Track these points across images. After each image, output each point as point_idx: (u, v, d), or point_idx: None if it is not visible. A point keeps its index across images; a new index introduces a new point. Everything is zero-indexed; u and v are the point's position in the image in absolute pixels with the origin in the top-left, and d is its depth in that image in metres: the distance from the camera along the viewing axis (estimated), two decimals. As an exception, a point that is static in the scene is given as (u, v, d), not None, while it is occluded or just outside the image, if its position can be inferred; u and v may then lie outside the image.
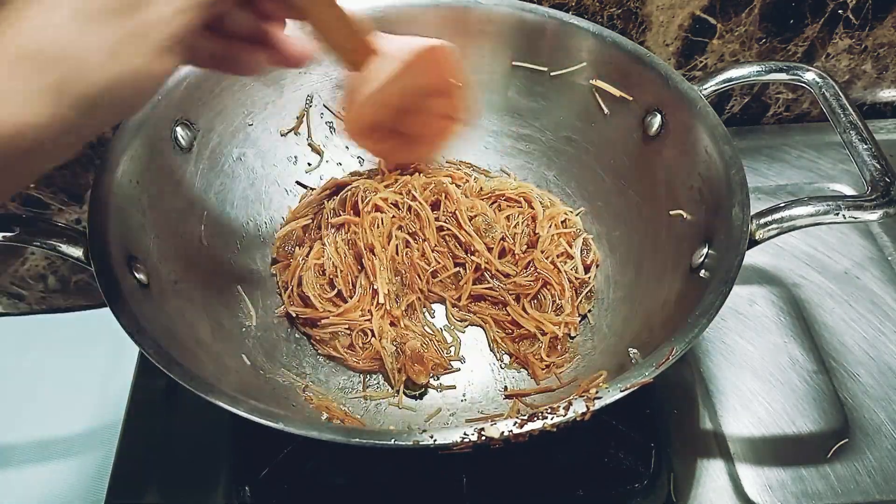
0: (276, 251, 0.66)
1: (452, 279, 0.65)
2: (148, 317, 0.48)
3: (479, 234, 0.65)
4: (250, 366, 0.56)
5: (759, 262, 0.73)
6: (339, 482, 0.58)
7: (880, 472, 0.59)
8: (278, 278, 0.66)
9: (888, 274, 0.73)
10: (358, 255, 0.64)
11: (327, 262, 0.64)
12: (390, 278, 0.63)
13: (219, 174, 0.64)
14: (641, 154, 0.64)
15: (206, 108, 0.62)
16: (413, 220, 0.66)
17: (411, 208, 0.66)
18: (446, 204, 0.66)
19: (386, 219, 0.65)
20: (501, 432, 0.42)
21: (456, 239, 0.65)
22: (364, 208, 0.65)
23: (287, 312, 0.63)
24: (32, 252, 0.85)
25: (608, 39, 0.64)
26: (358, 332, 0.62)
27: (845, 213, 0.50)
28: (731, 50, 0.81)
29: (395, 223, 0.65)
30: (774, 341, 0.67)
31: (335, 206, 0.67)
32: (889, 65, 0.85)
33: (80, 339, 0.81)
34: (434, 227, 0.66)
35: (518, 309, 0.63)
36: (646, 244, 0.63)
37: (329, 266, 0.64)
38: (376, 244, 0.63)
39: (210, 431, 0.60)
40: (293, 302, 0.63)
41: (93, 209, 0.51)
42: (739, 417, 0.62)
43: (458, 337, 0.64)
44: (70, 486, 0.68)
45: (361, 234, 0.64)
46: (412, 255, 0.64)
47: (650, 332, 0.54)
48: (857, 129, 0.55)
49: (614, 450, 0.59)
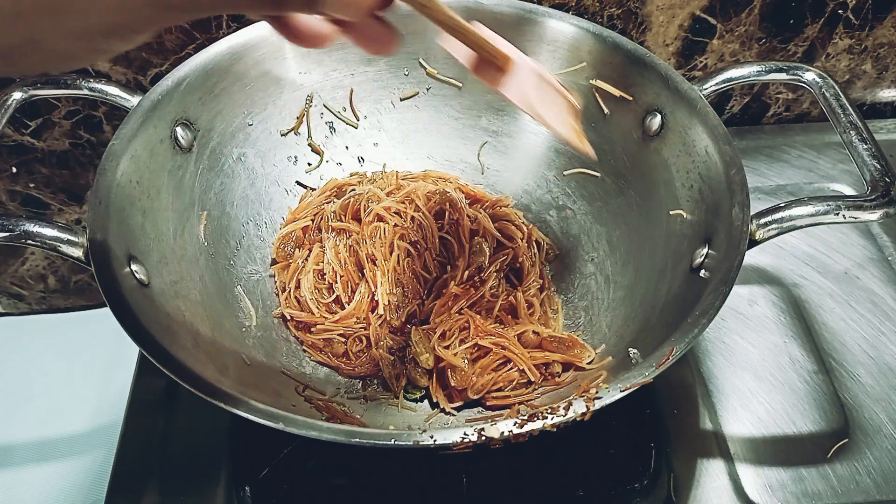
0: (276, 252, 0.66)
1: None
2: (148, 317, 0.48)
3: (473, 254, 0.65)
4: (250, 366, 0.56)
5: (759, 262, 0.73)
6: (339, 482, 0.58)
7: (880, 472, 0.59)
8: (277, 279, 0.66)
9: (888, 274, 0.73)
10: (359, 262, 0.63)
11: (327, 267, 0.64)
12: (391, 289, 0.62)
13: (219, 174, 0.64)
14: (641, 154, 0.64)
15: (206, 108, 0.62)
16: (416, 230, 0.65)
17: (414, 219, 0.65)
18: (450, 213, 0.66)
19: (388, 229, 0.64)
20: (501, 432, 0.42)
21: (453, 248, 0.65)
22: (366, 217, 0.65)
23: (283, 314, 0.63)
24: (32, 252, 0.85)
25: (608, 39, 0.64)
26: (353, 339, 0.61)
27: (845, 213, 0.50)
28: (731, 50, 0.81)
29: (397, 233, 0.64)
30: (774, 341, 0.67)
31: (336, 209, 0.67)
32: (889, 65, 0.85)
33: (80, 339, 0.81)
34: (437, 237, 0.65)
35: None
36: (646, 244, 0.63)
37: (329, 271, 0.63)
38: (378, 255, 0.63)
39: (210, 431, 0.60)
40: (289, 304, 0.63)
41: (93, 209, 0.51)
42: (739, 417, 0.62)
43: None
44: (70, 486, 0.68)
45: (363, 244, 0.63)
46: (414, 265, 0.64)
47: (650, 332, 0.54)
48: (857, 129, 0.55)
49: (614, 450, 0.59)
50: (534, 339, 0.60)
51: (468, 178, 0.73)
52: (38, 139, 0.77)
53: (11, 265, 0.86)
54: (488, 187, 0.73)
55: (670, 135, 0.61)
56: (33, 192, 0.81)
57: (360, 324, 0.62)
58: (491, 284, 0.63)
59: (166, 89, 0.59)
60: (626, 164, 0.66)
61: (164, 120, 0.59)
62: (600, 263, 0.66)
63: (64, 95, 0.65)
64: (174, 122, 0.60)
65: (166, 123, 0.59)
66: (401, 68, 0.71)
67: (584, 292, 0.66)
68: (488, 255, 0.65)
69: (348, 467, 0.59)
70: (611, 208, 0.67)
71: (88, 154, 0.79)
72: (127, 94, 0.60)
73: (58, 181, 0.81)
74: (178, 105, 0.60)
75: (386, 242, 0.64)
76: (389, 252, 0.63)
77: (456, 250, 0.65)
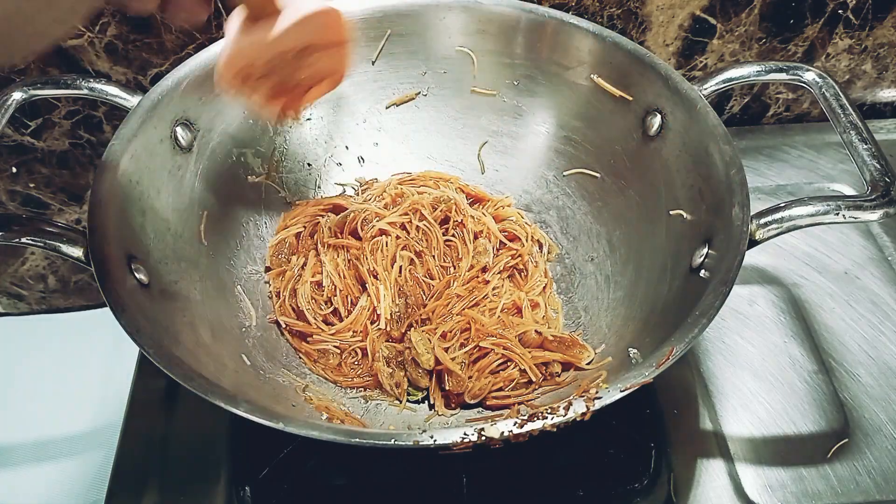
0: (270, 259, 0.66)
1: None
2: (148, 317, 0.48)
3: (476, 254, 0.64)
4: (250, 366, 0.56)
5: (759, 262, 0.73)
6: (339, 482, 0.58)
7: (880, 472, 0.59)
8: (271, 285, 0.65)
9: (888, 274, 0.73)
10: (359, 276, 0.63)
11: (325, 280, 0.63)
12: (395, 300, 0.61)
13: (219, 174, 0.64)
14: (641, 154, 0.64)
15: (206, 108, 0.62)
16: (421, 239, 0.64)
17: (419, 228, 0.65)
18: (454, 216, 0.66)
19: (390, 241, 0.64)
20: (501, 432, 0.42)
21: (456, 250, 0.65)
22: (366, 234, 0.64)
23: (276, 320, 0.63)
24: (32, 252, 0.85)
25: (608, 39, 0.64)
26: (349, 351, 0.61)
27: (845, 213, 0.50)
28: (731, 50, 0.81)
29: (400, 244, 0.64)
30: (774, 341, 0.67)
31: (332, 225, 0.66)
32: (889, 65, 0.85)
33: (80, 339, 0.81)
34: (442, 242, 0.65)
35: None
36: (646, 244, 0.63)
37: (328, 284, 0.62)
38: (379, 269, 0.62)
39: (210, 431, 0.60)
40: (284, 312, 0.63)
41: (93, 209, 0.51)
42: (739, 417, 0.62)
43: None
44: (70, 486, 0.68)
45: (363, 259, 0.63)
46: (416, 272, 0.63)
47: (650, 332, 0.54)
48: (857, 129, 0.55)
49: (614, 450, 0.59)
50: (536, 338, 0.60)
51: (468, 178, 0.73)
52: (38, 139, 0.77)
53: (11, 265, 0.86)
54: (488, 187, 0.73)
55: (670, 135, 0.61)
56: (33, 192, 0.81)
57: (356, 337, 0.61)
58: (494, 285, 0.63)
59: (166, 89, 0.59)
60: (626, 164, 0.66)
61: (164, 120, 0.59)
62: (600, 263, 0.66)
63: (64, 95, 0.65)
64: (174, 122, 0.60)
65: (166, 123, 0.59)
66: (401, 69, 0.71)
67: (584, 292, 0.66)
68: (492, 256, 0.65)
69: (348, 467, 0.59)
70: (611, 208, 0.67)
71: (88, 154, 0.79)
72: (127, 94, 0.60)
73: (58, 181, 0.81)
74: (178, 105, 0.60)
75: (388, 255, 0.63)
76: (391, 264, 0.63)
77: (459, 251, 0.65)
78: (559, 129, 0.70)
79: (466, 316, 0.61)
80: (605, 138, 0.67)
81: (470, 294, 0.62)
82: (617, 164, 0.67)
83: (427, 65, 0.70)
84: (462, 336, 0.60)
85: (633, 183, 0.65)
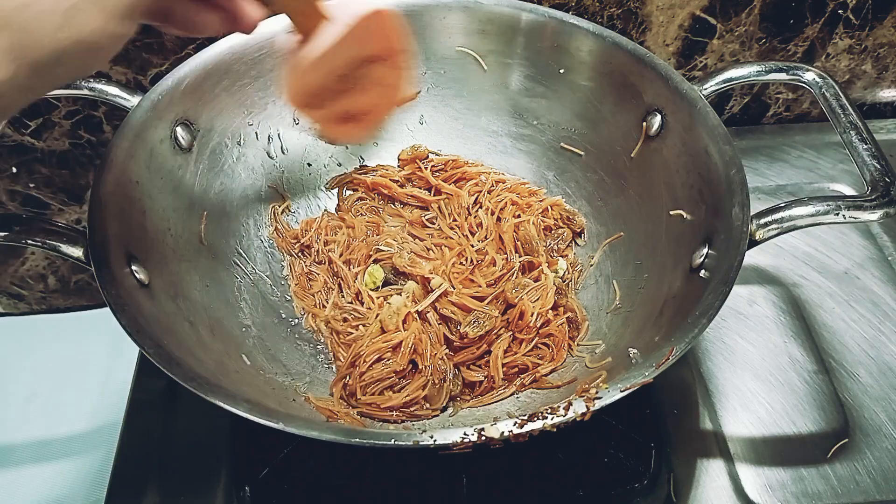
0: (294, 288, 0.65)
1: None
2: (148, 317, 0.48)
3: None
4: (250, 366, 0.56)
5: (759, 262, 0.73)
6: (339, 482, 0.58)
7: (880, 472, 0.59)
8: (304, 311, 0.64)
9: (888, 274, 0.73)
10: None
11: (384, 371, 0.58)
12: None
13: (219, 174, 0.64)
14: (641, 154, 0.64)
15: (206, 108, 0.62)
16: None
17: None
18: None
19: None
20: (501, 432, 0.42)
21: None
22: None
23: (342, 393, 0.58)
24: (32, 252, 0.85)
25: (608, 39, 0.64)
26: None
27: (845, 213, 0.50)
28: (731, 50, 0.81)
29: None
30: (774, 341, 0.67)
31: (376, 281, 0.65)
32: (889, 65, 0.85)
33: (80, 339, 0.81)
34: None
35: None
36: (646, 244, 0.63)
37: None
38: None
39: (210, 431, 0.60)
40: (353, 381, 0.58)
41: (93, 209, 0.51)
42: (739, 417, 0.62)
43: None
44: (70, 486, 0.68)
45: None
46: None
47: (650, 332, 0.54)
48: (857, 129, 0.55)
49: (614, 450, 0.59)
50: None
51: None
52: (38, 139, 0.77)
53: (11, 265, 0.86)
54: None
55: (670, 135, 0.61)
56: (33, 192, 0.81)
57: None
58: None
59: (166, 89, 0.59)
60: (626, 164, 0.66)
61: (164, 120, 0.59)
62: (600, 263, 0.66)
63: (64, 95, 0.65)
64: (174, 122, 0.60)
65: (166, 123, 0.59)
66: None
67: (584, 292, 0.66)
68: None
69: (348, 467, 0.59)
70: (611, 208, 0.67)
71: (88, 154, 0.79)
72: (127, 94, 0.60)
73: (58, 181, 0.81)
74: (178, 105, 0.60)
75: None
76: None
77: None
78: (559, 129, 0.70)
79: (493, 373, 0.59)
80: (605, 138, 0.67)
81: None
82: (617, 164, 0.67)
83: (427, 65, 0.70)
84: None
85: (633, 183, 0.65)
